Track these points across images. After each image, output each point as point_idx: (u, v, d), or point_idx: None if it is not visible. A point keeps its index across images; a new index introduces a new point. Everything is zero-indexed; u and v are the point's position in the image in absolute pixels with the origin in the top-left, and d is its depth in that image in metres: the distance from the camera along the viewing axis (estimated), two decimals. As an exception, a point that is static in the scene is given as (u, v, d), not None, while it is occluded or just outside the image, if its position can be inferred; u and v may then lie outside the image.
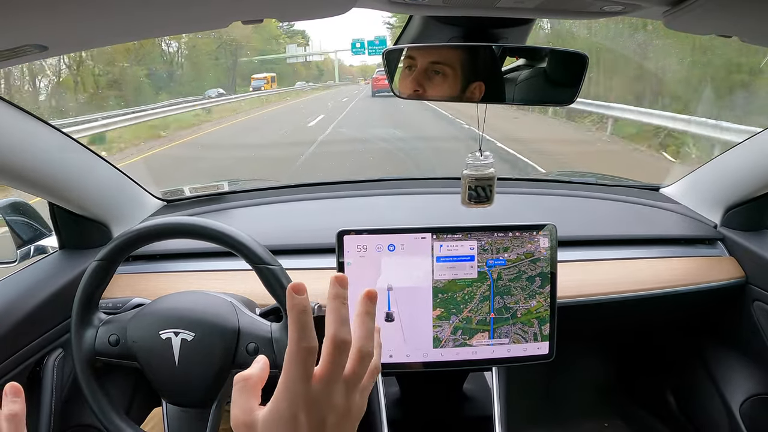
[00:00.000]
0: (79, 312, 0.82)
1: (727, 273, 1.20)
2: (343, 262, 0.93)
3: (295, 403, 0.37)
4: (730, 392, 1.26)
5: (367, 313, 0.42)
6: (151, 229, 0.82)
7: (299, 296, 0.38)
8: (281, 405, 0.37)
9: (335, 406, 0.39)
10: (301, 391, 0.37)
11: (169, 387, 0.82)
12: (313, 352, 0.37)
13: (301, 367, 0.37)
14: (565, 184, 1.52)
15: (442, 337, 0.96)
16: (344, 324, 0.39)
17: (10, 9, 0.43)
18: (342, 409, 0.39)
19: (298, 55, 34.60)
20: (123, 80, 14.98)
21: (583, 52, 0.73)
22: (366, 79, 33.19)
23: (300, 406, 0.37)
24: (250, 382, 0.40)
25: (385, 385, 1.06)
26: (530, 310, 0.96)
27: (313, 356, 0.37)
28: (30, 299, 0.96)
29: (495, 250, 0.95)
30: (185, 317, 0.81)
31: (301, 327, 0.37)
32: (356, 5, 0.58)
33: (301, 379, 0.37)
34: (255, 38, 29.07)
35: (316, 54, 37.98)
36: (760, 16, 0.54)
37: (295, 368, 0.37)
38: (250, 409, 0.39)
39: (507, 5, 0.59)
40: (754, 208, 1.21)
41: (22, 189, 0.95)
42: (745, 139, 1.16)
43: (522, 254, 0.95)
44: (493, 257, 0.94)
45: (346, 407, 0.39)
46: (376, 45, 27.67)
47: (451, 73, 0.75)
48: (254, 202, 1.40)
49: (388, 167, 6.18)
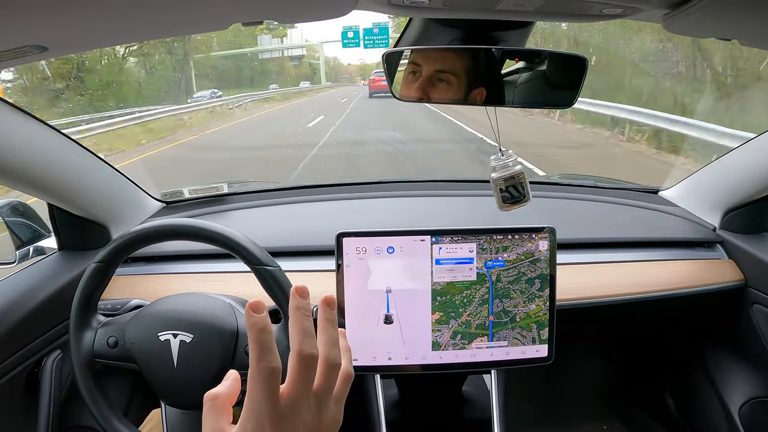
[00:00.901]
0: (78, 314, 0.82)
1: (726, 276, 1.20)
2: (341, 265, 0.93)
3: (261, 424, 0.36)
4: (730, 395, 1.26)
5: (327, 320, 0.40)
6: (150, 231, 0.82)
7: (257, 315, 0.36)
8: (247, 426, 0.37)
9: (305, 422, 0.38)
10: (266, 412, 0.36)
11: (168, 389, 0.81)
12: (275, 372, 0.36)
13: (265, 387, 0.36)
14: (565, 186, 1.53)
15: (442, 341, 0.95)
16: (308, 337, 0.38)
17: (10, 10, 0.43)
18: (313, 424, 0.38)
19: (273, 49, 27.82)
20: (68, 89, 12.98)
21: (583, 55, 0.74)
22: (365, 78, 29.72)
23: (266, 427, 0.36)
24: (218, 400, 0.39)
25: (384, 388, 1.05)
26: (529, 314, 0.96)
27: (276, 376, 0.36)
28: (29, 300, 0.96)
29: (494, 251, 0.95)
30: (184, 319, 0.81)
31: (260, 347, 0.36)
32: (356, 7, 0.58)
33: (266, 400, 0.36)
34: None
35: (296, 47, 29.56)
36: (759, 19, 0.54)
37: (258, 390, 0.36)
38: (220, 430, 0.38)
39: (507, 8, 0.59)
40: (753, 211, 1.21)
41: (21, 190, 0.95)
42: (744, 142, 1.16)
43: (522, 254, 0.95)
44: (493, 257, 0.94)
45: (317, 421, 0.38)
46: (374, 35, 21.51)
47: (455, 81, 0.75)
48: (253, 204, 1.40)
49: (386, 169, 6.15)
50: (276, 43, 28.41)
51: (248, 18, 0.59)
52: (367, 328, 0.95)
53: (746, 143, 1.15)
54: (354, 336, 0.95)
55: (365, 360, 0.96)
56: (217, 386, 0.40)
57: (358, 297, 0.94)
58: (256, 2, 0.55)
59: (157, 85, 15.84)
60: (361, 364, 0.96)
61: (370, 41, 21.61)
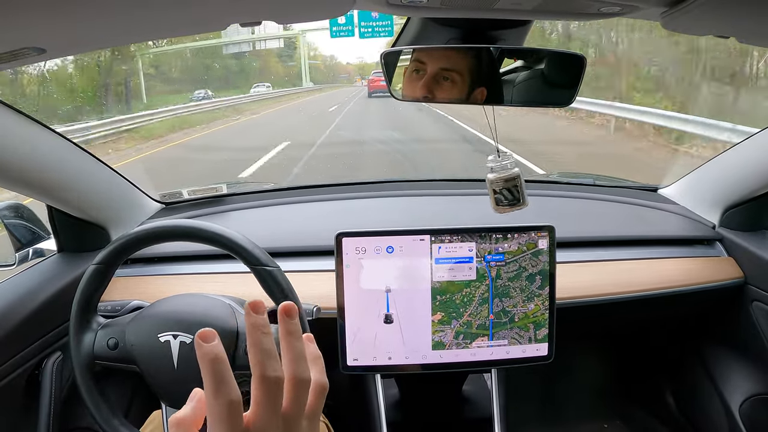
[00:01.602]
0: (78, 316, 0.82)
1: (725, 273, 1.20)
2: (341, 264, 0.93)
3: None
4: (730, 392, 1.26)
5: (289, 333, 0.37)
6: (149, 232, 0.81)
7: (208, 345, 0.34)
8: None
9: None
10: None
11: (168, 390, 0.81)
12: (233, 405, 0.33)
13: (225, 424, 0.33)
14: (564, 185, 1.53)
15: (446, 341, 0.96)
16: (270, 358, 0.35)
17: (8, 11, 0.43)
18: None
19: (243, 41, 19.85)
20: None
21: (581, 54, 0.74)
22: (363, 78, 27.89)
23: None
24: (183, 424, 0.36)
25: (385, 387, 1.06)
26: (527, 314, 0.96)
27: (236, 409, 0.33)
28: (28, 302, 0.96)
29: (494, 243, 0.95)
30: (184, 320, 0.81)
31: (215, 379, 0.33)
32: (354, 6, 0.58)
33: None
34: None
35: (271, 38, 21.31)
36: (757, 16, 0.54)
37: (218, 425, 0.33)
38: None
39: (505, 6, 0.59)
40: (752, 209, 1.21)
41: (21, 192, 0.95)
42: (744, 139, 1.16)
43: (524, 244, 0.95)
44: (493, 247, 0.94)
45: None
46: (374, 22, 15.93)
47: (459, 79, 0.75)
48: (253, 204, 1.40)
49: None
50: (244, 35, 19.70)
51: (246, 18, 0.59)
52: (367, 328, 0.95)
53: (746, 140, 1.15)
54: (354, 336, 0.95)
55: (365, 360, 0.96)
56: (181, 409, 0.37)
57: (357, 297, 0.94)
58: (253, 2, 0.55)
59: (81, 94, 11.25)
60: (362, 364, 0.96)
61: (368, 30, 16.35)
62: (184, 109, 12.93)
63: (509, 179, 0.83)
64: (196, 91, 16.46)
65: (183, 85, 18.39)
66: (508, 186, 0.83)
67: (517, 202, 0.84)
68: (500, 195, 0.84)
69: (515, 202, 0.84)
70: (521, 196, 0.84)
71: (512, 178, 0.83)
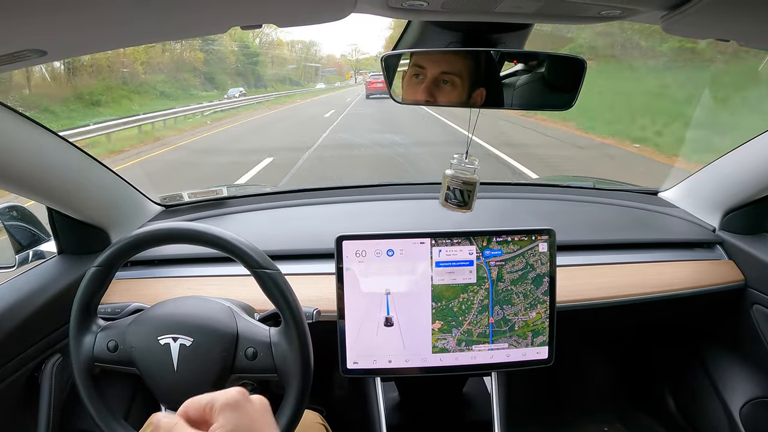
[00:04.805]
0: (78, 318, 0.81)
1: (726, 276, 1.20)
2: (342, 267, 0.93)
3: None
4: (730, 395, 1.25)
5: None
6: (149, 235, 0.81)
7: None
8: None
9: None
10: None
11: (168, 392, 0.81)
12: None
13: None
14: (563, 188, 1.53)
15: (450, 347, 0.96)
16: None
17: (10, 14, 0.43)
18: None
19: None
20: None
21: (581, 57, 0.74)
22: (358, 73, 27.15)
23: None
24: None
25: (384, 391, 1.05)
26: (527, 322, 0.96)
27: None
28: (28, 304, 0.96)
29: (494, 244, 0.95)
30: (184, 323, 0.80)
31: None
32: (355, 11, 0.58)
33: None
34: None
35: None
36: (757, 19, 0.54)
37: None
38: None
39: (505, 10, 0.59)
40: (752, 212, 1.21)
41: (21, 194, 0.95)
42: (744, 142, 1.16)
43: (524, 247, 0.95)
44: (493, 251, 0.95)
45: None
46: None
47: (459, 83, 0.76)
48: (253, 207, 1.40)
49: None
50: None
51: (246, 22, 0.59)
52: (367, 331, 0.95)
53: (745, 143, 1.15)
54: (354, 339, 0.95)
55: (365, 363, 0.96)
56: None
57: (358, 300, 0.94)
58: (253, 6, 0.55)
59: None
60: (362, 367, 0.96)
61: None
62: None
63: (467, 183, 0.85)
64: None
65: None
66: (462, 188, 0.86)
67: (464, 206, 0.86)
68: (451, 193, 0.86)
69: (462, 204, 0.87)
70: (470, 202, 0.86)
71: (470, 183, 0.86)
